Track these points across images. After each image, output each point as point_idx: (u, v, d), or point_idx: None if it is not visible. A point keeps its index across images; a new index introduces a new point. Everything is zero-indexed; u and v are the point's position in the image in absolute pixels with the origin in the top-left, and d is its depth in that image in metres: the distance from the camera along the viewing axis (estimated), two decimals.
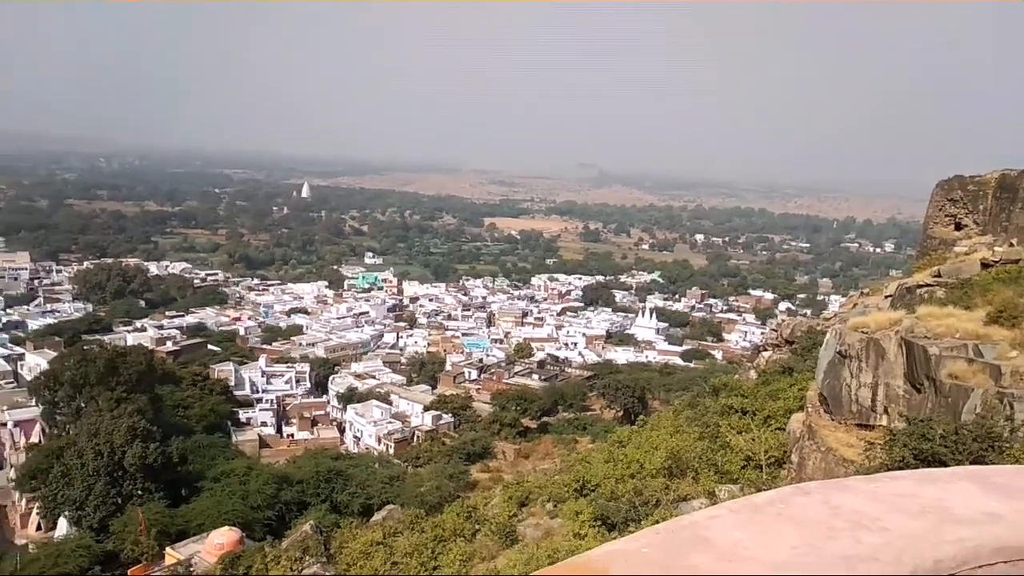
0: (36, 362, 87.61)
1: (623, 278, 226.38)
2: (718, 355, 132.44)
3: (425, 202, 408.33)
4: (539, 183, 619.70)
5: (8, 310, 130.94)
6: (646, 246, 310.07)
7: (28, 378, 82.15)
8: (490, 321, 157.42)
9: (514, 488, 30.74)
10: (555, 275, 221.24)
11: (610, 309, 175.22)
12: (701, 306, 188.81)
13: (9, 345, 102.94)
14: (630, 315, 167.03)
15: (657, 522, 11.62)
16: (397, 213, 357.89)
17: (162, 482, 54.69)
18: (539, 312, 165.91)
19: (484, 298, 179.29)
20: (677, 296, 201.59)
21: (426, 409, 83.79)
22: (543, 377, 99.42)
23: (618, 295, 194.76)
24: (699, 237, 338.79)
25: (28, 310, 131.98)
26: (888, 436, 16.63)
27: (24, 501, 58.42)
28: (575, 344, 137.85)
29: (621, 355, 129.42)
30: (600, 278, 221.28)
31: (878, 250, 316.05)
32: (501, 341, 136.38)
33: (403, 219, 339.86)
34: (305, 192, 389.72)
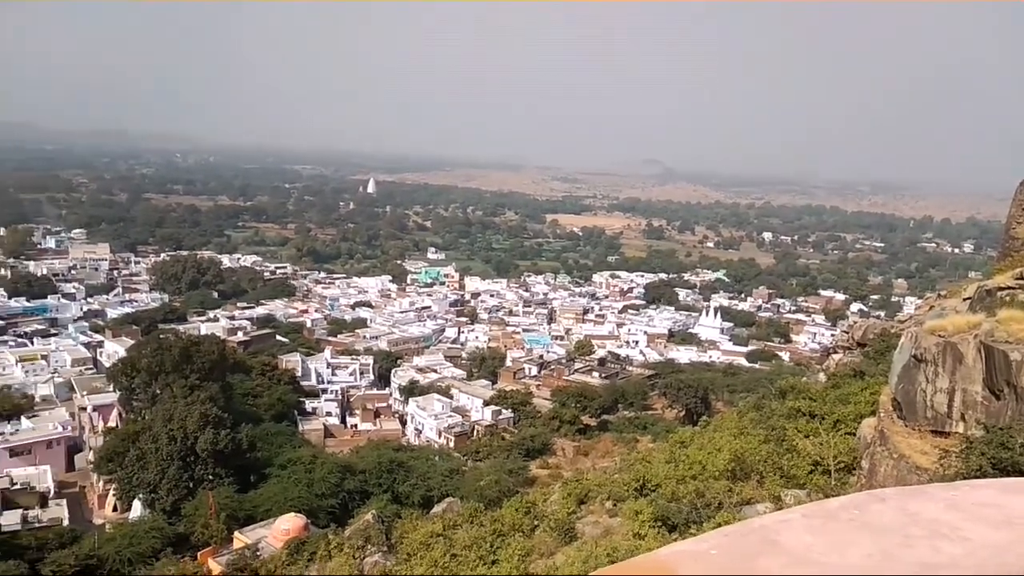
0: (115, 349, 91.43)
1: (687, 276, 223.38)
2: (785, 357, 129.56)
3: (488, 198, 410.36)
4: (602, 180, 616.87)
5: (89, 299, 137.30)
6: (711, 244, 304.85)
7: (107, 365, 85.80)
8: (551, 318, 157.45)
9: (573, 485, 30.59)
10: (617, 272, 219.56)
11: (673, 307, 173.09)
12: (768, 306, 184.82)
13: (89, 333, 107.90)
14: (693, 314, 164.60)
15: (720, 525, 11.43)
16: (460, 209, 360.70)
17: (232, 468, 56.46)
18: (600, 309, 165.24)
19: (545, 294, 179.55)
20: (743, 295, 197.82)
21: (486, 404, 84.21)
22: (603, 375, 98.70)
23: (681, 293, 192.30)
24: (767, 235, 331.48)
25: (108, 299, 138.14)
26: (965, 444, 16.02)
27: (102, 483, 61.02)
28: (636, 342, 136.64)
29: (683, 354, 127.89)
30: (663, 276, 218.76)
31: (956, 251, 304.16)
32: (562, 338, 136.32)
33: (466, 215, 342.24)
34: (371, 188, 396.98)
